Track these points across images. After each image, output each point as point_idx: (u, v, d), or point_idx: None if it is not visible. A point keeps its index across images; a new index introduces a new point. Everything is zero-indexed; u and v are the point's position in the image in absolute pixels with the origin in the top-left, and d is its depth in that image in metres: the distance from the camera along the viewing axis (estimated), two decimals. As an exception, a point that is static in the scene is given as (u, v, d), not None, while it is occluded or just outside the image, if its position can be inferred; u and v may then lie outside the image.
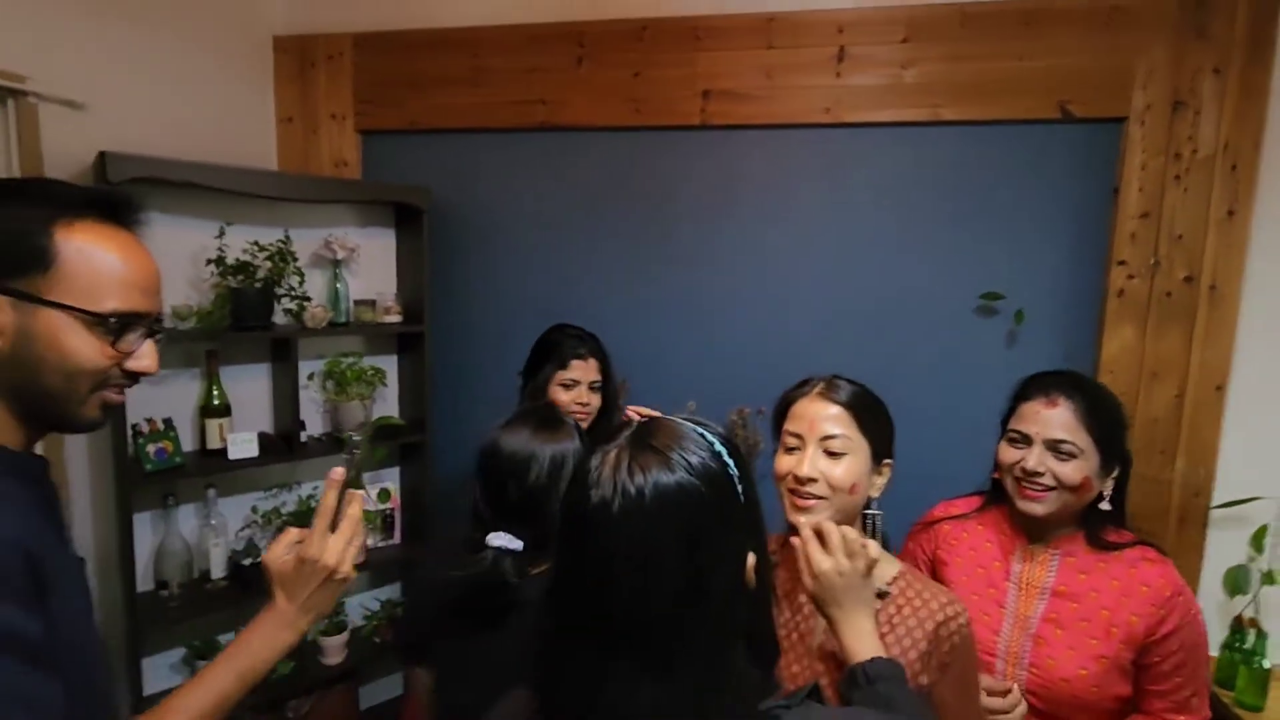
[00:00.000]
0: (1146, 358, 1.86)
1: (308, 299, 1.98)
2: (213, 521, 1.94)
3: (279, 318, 2.01)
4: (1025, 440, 1.12)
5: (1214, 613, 1.81)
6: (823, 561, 0.86)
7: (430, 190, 2.19)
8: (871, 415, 0.99)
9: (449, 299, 2.29)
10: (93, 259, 0.70)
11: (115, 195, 0.77)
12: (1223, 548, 1.84)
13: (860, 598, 0.86)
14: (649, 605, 0.50)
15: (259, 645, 0.78)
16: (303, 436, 2.08)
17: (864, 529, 0.98)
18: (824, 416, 0.96)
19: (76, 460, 1.79)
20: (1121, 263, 1.85)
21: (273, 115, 2.34)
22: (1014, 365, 1.91)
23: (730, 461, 0.55)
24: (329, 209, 2.16)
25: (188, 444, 1.92)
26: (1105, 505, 1.11)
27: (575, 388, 1.58)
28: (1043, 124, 1.88)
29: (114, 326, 0.71)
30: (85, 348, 0.70)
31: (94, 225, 0.71)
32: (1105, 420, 1.10)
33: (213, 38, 2.11)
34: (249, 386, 2.03)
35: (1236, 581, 1.74)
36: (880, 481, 1.00)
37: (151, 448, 1.79)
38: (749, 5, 1.99)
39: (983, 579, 1.16)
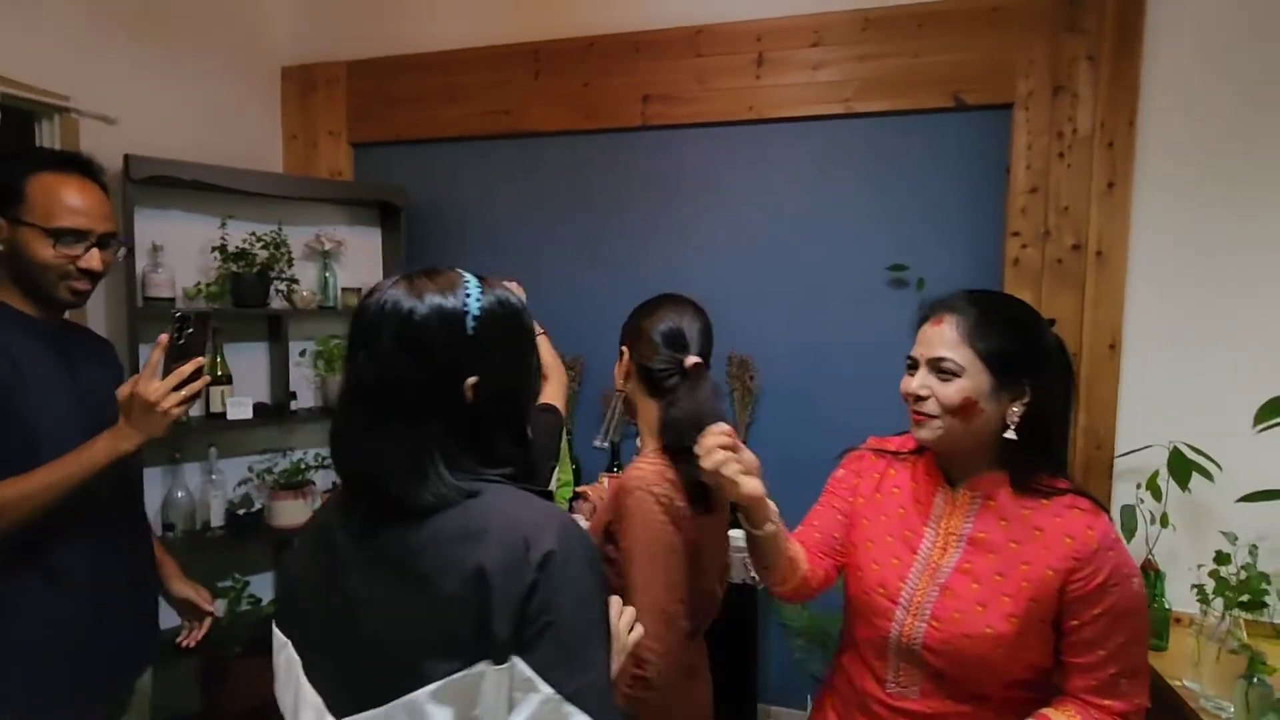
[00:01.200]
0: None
1: (296, 282, 2.28)
2: (214, 477, 2.21)
3: (276, 302, 2.31)
4: (915, 364, 1.00)
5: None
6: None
7: (405, 190, 2.49)
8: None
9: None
10: (49, 194, 1.12)
11: (74, 154, 1.20)
12: (1127, 498, 1.96)
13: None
14: (374, 377, 0.72)
15: (100, 446, 1.06)
16: (293, 406, 2.36)
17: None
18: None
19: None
20: (1015, 234, 2.03)
21: (280, 132, 2.69)
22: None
23: (466, 317, 0.73)
24: (321, 208, 2.47)
25: (194, 409, 2.21)
26: (1010, 434, 0.95)
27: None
28: (939, 113, 2.09)
29: (61, 236, 1.12)
30: (43, 251, 1.12)
31: (55, 174, 1.14)
32: (997, 336, 0.93)
33: (230, 67, 2.47)
34: (248, 360, 2.32)
35: (1123, 520, 1.85)
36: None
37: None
38: (680, 19, 2.26)
39: (900, 521, 1.04)
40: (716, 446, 0.88)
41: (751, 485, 0.89)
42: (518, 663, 0.65)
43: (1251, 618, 1.60)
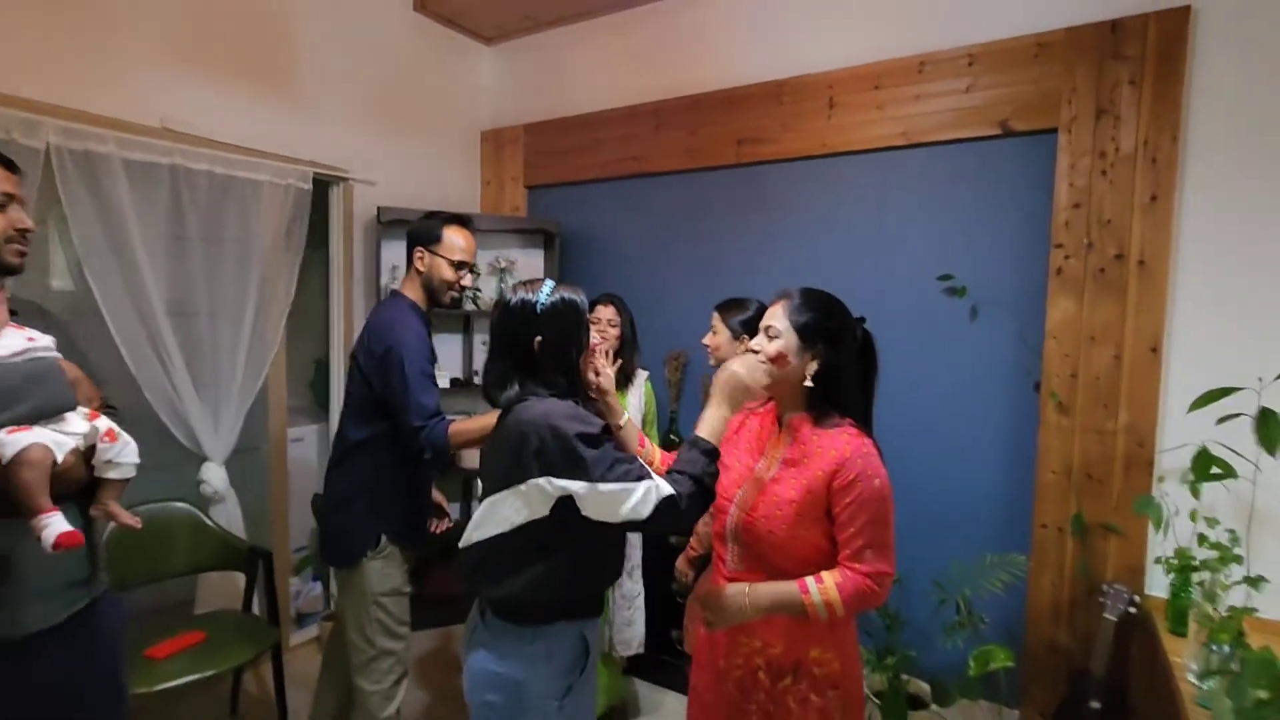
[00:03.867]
0: (1085, 325, 2.19)
1: (479, 290, 3.15)
2: (423, 428, 3.14)
3: (466, 305, 3.20)
4: (759, 331, 1.37)
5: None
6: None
7: (560, 221, 3.26)
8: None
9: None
10: (453, 237, 1.83)
11: (463, 215, 1.88)
12: (1174, 493, 2.06)
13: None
14: (499, 338, 1.36)
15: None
16: (476, 380, 3.24)
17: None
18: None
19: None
20: (1059, 245, 2.22)
21: (478, 180, 3.64)
22: (975, 337, 2.38)
23: (537, 306, 1.30)
24: (502, 236, 3.34)
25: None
26: (808, 383, 1.29)
27: (598, 323, 2.39)
28: (989, 140, 2.35)
29: (459, 266, 1.82)
30: (448, 273, 1.82)
31: (456, 226, 1.86)
32: (805, 314, 1.30)
33: (446, 135, 3.45)
34: (448, 348, 3.24)
35: (1147, 510, 1.96)
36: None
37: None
38: (765, 76, 2.75)
39: (746, 453, 1.41)
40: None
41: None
42: (545, 480, 1.22)
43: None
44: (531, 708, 1.27)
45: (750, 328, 1.89)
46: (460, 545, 1.34)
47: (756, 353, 1.33)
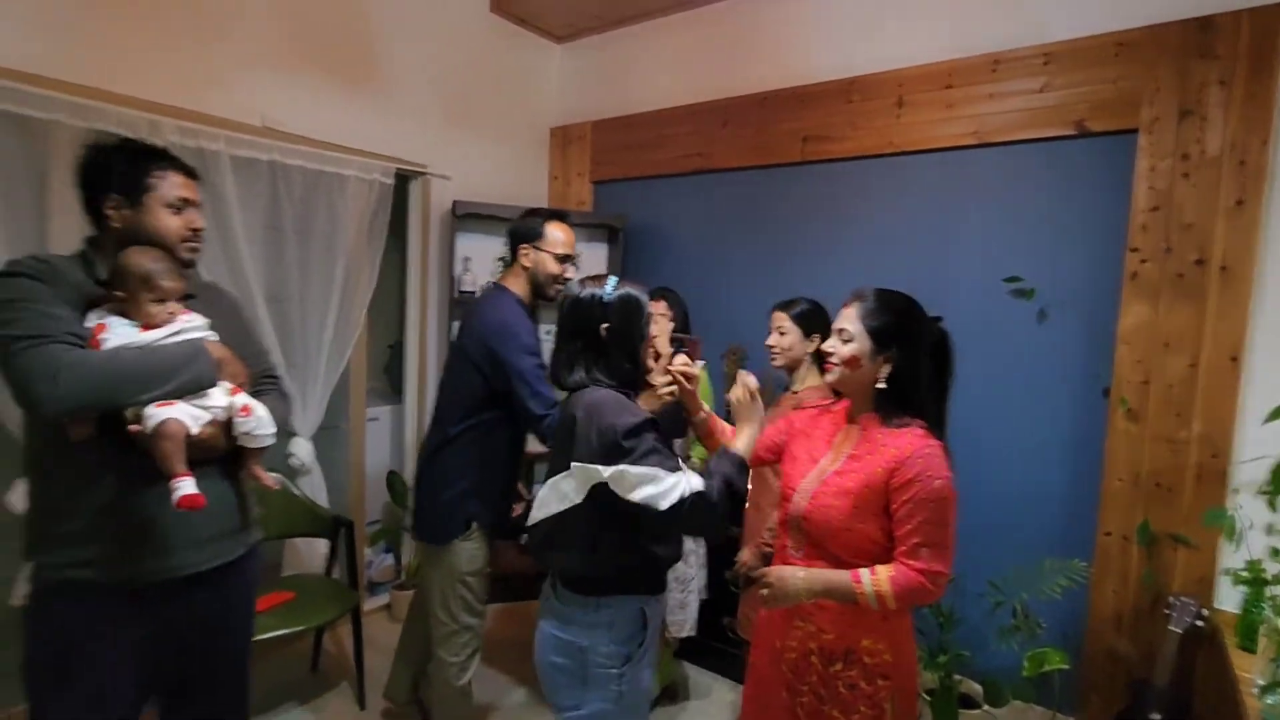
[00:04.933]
0: (1159, 330, 2.14)
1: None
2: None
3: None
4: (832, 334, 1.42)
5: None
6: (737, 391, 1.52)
7: (625, 216, 3.35)
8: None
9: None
10: (554, 232, 2.00)
11: (560, 210, 2.02)
12: (1248, 505, 2.01)
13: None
14: (569, 326, 1.45)
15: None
16: (540, 369, 3.36)
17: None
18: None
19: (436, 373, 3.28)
20: (1135, 249, 2.17)
21: (546, 175, 3.75)
22: (1043, 340, 2.35)
23: (604, 298, 1.40)
24: (567, 231, 3.44)
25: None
26: (880, 385, 1.34)
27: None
28: (1063, 140, 2.31)
29: (564, 260, 1.98)
30: (553, 266, 1.99)
31: (559, 223, 2.02)
32: (878, 317, 1.34)
33: (517, 132, 3.57)
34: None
35: (1219, 522, 1.92)
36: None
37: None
38: (833, 74, 2.76)
39: (815, 447, 1.45)
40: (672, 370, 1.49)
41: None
42: (593, 467, 1.32)
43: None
44: (594, 672, 1.37)
45: (823, 326, 1.96)
46: (529, 522, 1.45)
47: (833, 354, 1.38)
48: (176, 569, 1.30)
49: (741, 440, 1.40)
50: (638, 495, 1.26)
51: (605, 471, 1.29)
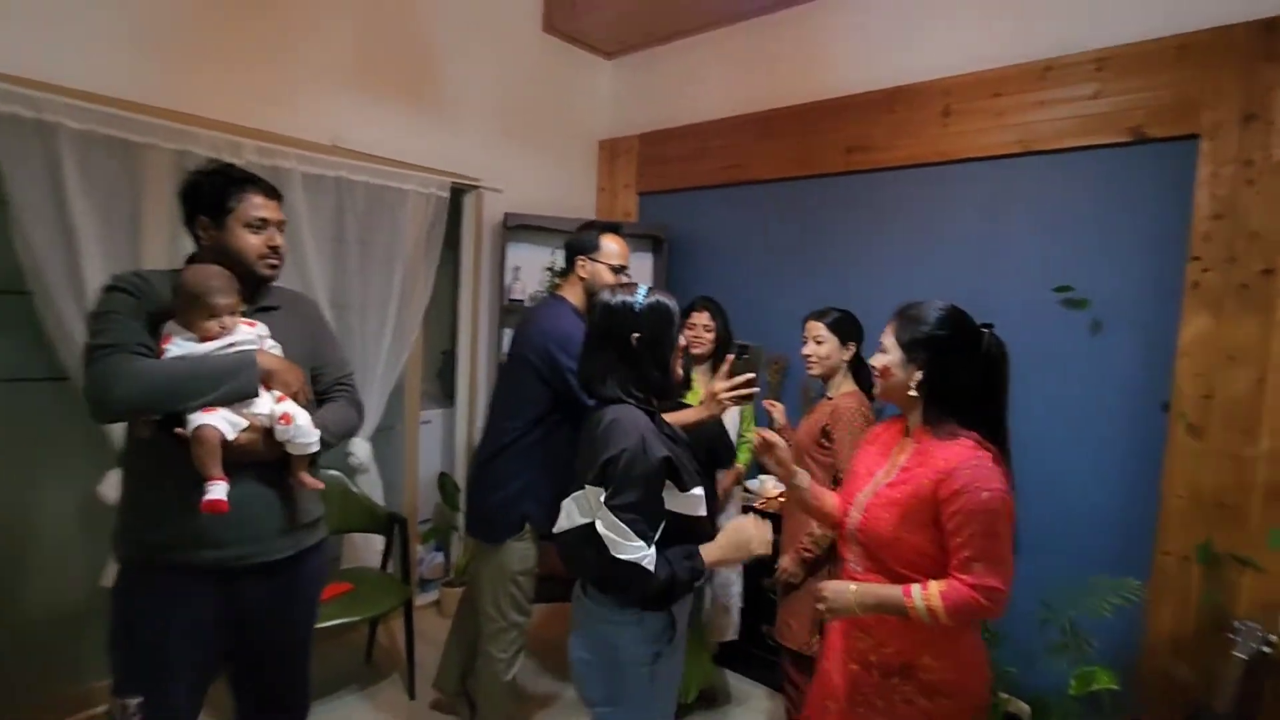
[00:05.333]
0: (1223, 343, 2.06)
1: (593, 292, 3.35)
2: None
3: (580, 304, 3.41)
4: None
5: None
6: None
7: (668, 226, 3.41)
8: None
9: (683, 297, 3.45)
10: (610, 244, 2.05)
11: (614, 223, 2.09)
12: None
13: None
14: (600, 333, 1.49)
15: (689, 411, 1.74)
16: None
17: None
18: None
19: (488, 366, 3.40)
20: (1196, 258, 2.10)
21: (594, 187, 3.85)
22: (1096, 352, 2.29)
23: (636, 306, 1.44)
24: (614, 241, 3.53)
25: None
26: (912, 392, 1.36)
27: (694, 328, 2.50)
28: (1118, 147, 2.25)
29: (618, 270, 2.02)
30: (608, 277, 2.02)
31: (612, 235, 2.07)
32: (907, 328, 1.38)
33: (566, 146, 3.69)
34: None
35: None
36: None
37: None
38: (876, 84, 2.76)
39: (872, 460, 1.49)
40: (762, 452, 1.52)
41: (770, 463, 1.53)
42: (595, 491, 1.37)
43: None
44: (624, 668, 1.42)
45: (858, 336, 2.02)
46: (554, 531, 1.49)
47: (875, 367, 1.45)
48: (228, 560, 1.40)
49: (714, 548, 1.43)
50: (601, 530, 1.33)
51: (599, 498, 1.35)
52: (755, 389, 1.63)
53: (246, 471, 1.37)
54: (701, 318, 2.50)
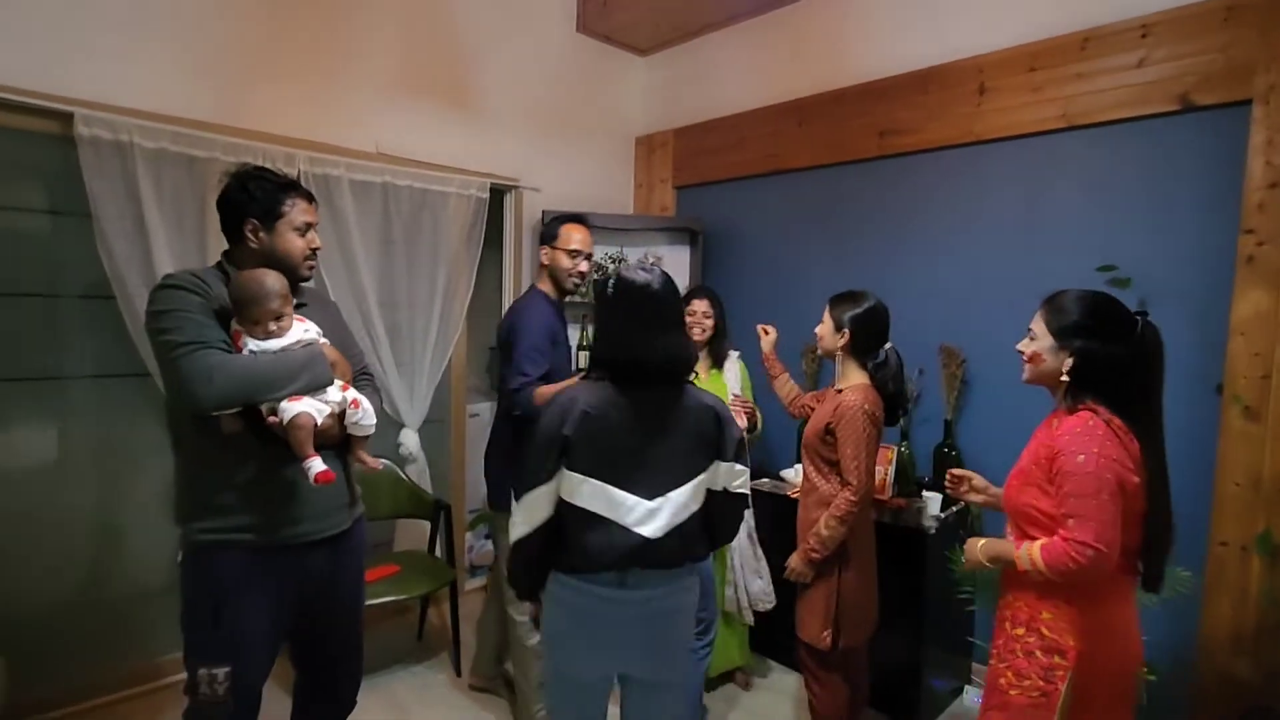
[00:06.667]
0: (1280, 320, 1.93)
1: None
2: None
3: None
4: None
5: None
6: None
7: (703, 219, 3.43)
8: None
9: (720, 288, 3.47)
10: (568, 233, 2.18)
11: (579, 215, 2.23)
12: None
13: None
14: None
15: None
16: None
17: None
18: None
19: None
20: (1250, 231, 1.98)
21: (632, 182, 3.92)
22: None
23: (611, 285, 1.45)
24: (651, 234, 3.58)
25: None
26: (1064, 377, 1.43)
27: (694, 315, 2.51)
28: (1164, 117, 2.14)
29: (574, 255, 2.17)
30: (566, 261, 2.16)
31: (570, 224, 2.21)
32: (1061, 315, 1.45)
33: (604, 143, 3.76)
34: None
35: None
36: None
37: (552, 362, 3.41)
38: (910, 65, 2.71)
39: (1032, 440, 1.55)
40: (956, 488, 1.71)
41: (973, 499, 1.71)
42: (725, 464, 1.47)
43: None
44: (687, 636, 1.63)
45: (860, 323, 1.91)
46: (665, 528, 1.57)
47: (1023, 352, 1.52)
48: (301, 535, 1.54)
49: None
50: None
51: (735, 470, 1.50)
52: None
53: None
54: (701, 305, 2.52)
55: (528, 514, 1.42)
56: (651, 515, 1.42)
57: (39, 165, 2.27)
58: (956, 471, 1.72)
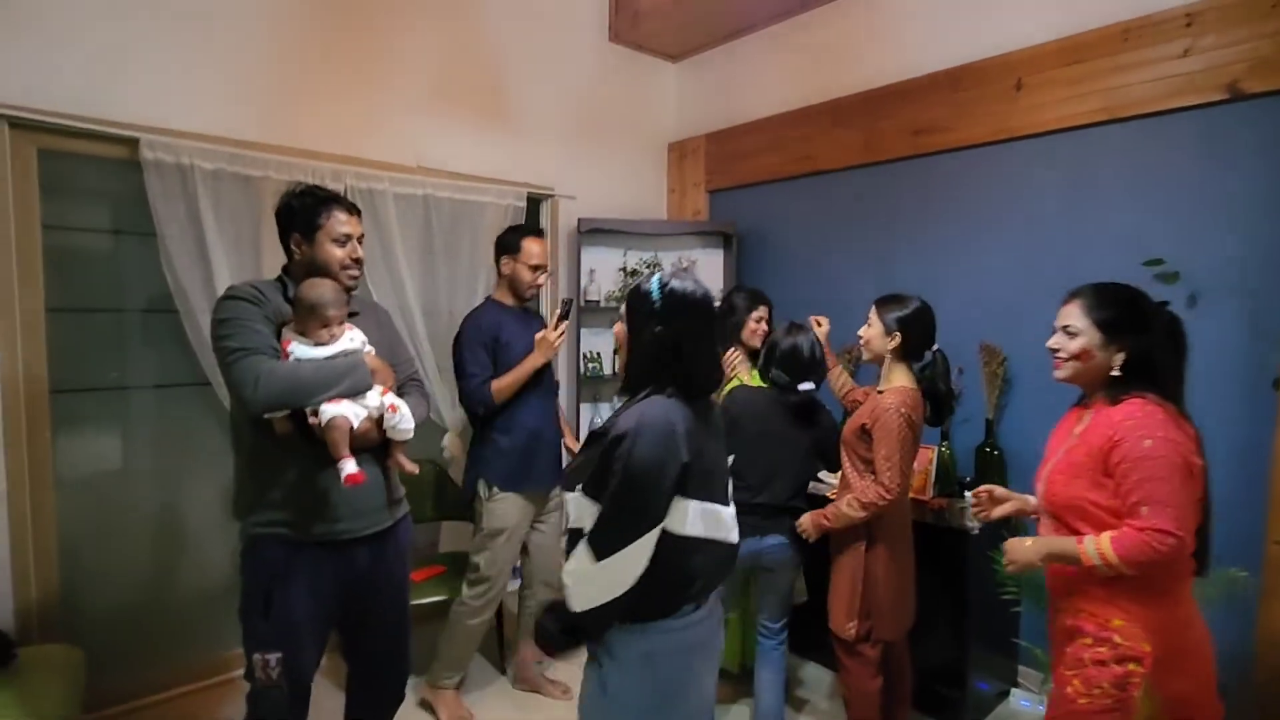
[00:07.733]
0: (1340, 312, 1.87)
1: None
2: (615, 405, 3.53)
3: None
4: (1055, 330, 1.50)
5: None
6: None
7: (736, 223, 3.45)
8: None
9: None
10: (529, 246, 2.34)
11: (535, 226, 2.35)
12: None
13: None
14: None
15: (530, 360, 2.27)
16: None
17: None
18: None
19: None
20: (1305, 222, 1.92)
21: (664, 188, 3.95)
22: (1193, 328, 2.13)
23: (655, 290, 1.34)
24: (684, 239, 3.61)
25: (606, 368, 3.58)
26: (1115, 372, 1.40)
27: (760, 321, 2.53)
28: (1212, 106, 2.09)
29: (535, 270, 2.33)
30: (525, 275, 2.36)
31: (531, 238, 2.35)
32: (1105, 310, 1.41)
33: (637, 150, 3.81)
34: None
35: None
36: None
37: (590, 366, 3.47)
38: (945, 63, 2.69)
39: (1057, 439, 1.55)
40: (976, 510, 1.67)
41: (1000, 513, 1.64)
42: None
43: None
44: None
45: (910, 325, 1.92)
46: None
47: (1059, 350, 1.48)
48: (342, 532, 1.62)
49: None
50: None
51: None
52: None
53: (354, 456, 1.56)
54: (763, 312, 2.53)
55: (630, 565, 1.21)
56: (733, 521, 1.40)
57: (104, 188, 2.40)
58: (975, 493, 1.67)
